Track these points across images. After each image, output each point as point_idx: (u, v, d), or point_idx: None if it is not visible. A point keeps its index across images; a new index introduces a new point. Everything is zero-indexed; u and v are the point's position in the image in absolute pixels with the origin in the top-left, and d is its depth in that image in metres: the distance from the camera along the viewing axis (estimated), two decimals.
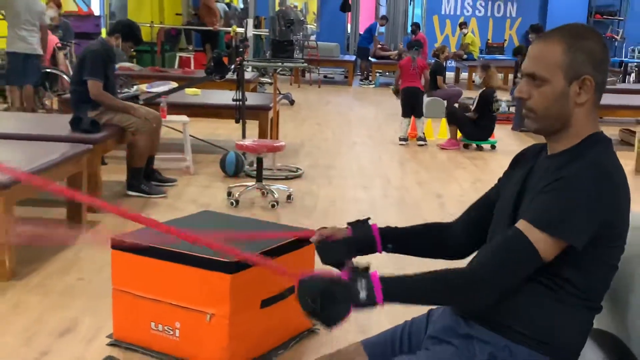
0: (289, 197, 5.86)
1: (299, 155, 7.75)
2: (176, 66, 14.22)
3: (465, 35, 16.89)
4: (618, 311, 1.93)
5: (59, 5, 9.92)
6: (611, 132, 9.83)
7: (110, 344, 3.25)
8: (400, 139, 8.90)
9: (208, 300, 3.02)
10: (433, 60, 11.54)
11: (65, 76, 9.24)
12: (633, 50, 18.70)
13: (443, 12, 19.28)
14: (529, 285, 1.73)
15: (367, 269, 1.72)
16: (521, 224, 1.69)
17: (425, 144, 8.84)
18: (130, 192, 5.83)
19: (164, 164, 6.55)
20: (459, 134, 8.68)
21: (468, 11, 19.28)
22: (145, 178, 5.90)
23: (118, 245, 3.22)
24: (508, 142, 9.17)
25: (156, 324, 3.15)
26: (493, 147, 8.68)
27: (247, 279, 3.03)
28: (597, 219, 1.67)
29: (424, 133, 8.93)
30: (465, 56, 16.12)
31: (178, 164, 6.82)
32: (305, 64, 10.06)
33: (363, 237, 2.04)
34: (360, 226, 2.05)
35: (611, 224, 1.70)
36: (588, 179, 1.68)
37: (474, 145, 8.66)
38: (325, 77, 16.92)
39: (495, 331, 1.77)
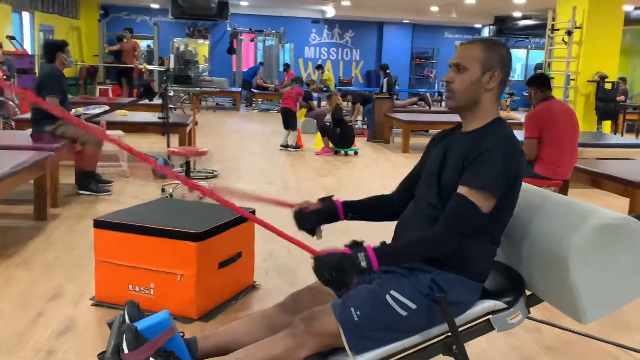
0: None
1: (211, 161, 7.62)
2: (97, 95, 13.61)
3: (323, 73, 17.22)
4: (511, 247, 2.05)
5: (0, 46, 9.32)
6: None
7: (95, 304, 3.10)
8: (281, 146, 9.09)
9: (178, 264, 2.95)
10: (304, 89, 11.72)
11: (11, 102, 8.61)
12: (442, 85, 19.70)
13: (306, 56, 19.57)
14: None
15: (362, 243, 1.80)
16: (462, 190, 1.79)
17: (296, 150, 8.98)
18: (81, 192, 5.54)
19: (103, 169, 6.26)
20: (330, 144, 8.85)
21: (324, 56, 19.68)
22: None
23: (99, 225, 3.09)
24: (365, 149, 9.44)
25: (133, 285, 3.04)
26: (356, 153, 8.90)
27: (208, 246, 2.99)
28: (512, 173, 1.81)
29: (295, 142, 9.08)
30: (325, 88, 16.41)
31: (116, 169, 6.56)
32: (217, 89, 9.93)
33: (329, 209, 2.10)
34: (328, 200, 2.12)
35: (517, 178, 1.84)
36: (503, 149, 1.81)
37: (342, 151, 8.85)
38: (217, 104, 16.72)
39: (429, 264, 1.86)
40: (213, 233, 3.03)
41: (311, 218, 2.06)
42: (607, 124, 10.04)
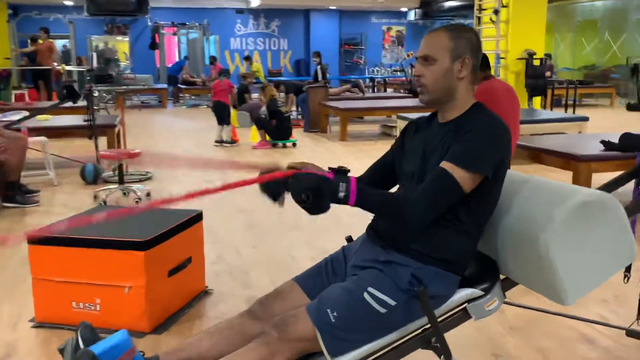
0: (148, 194, 5.55)
1: (143, 162, 7.32)
2: (13, 101, 12.88)
3: (251, 64, 16.99)
4: (490, 237, 1.99)
5: None
6: (374, 128, 10.43)
7: (36, 326, 2.88)
8: (215, 142, 8.89)
9: (125, 275, 2.78)
10: (240, 83, 11.54)
11: None
12: (372, 71, 19.90)
13: (232, 48, 19.25)
14: (435, 221, 1.75)
15: (347, 172, 1.72)
16: (446, 165, 1.70)
17: (232, 145, 8.81)
18: (6, 204, 5.19)
19: (28, 179, 5.91)
20: (267, 137, 8.72)
21: (251, 46, 19.41)
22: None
23: (34, 240, 2.86)
24: (303, 139, 9.36)
25: (77, 302, 2.85)
26: (294, 144, 8.80)
27: (156, 253, 2.83)
28: (499, 155, 1.75)
29: (230, 137, 8.90)
30: (254, 80, 16.19)
31: (41, 177, 6.20)
32: (145, 86, 9.59)
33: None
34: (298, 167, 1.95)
35: (503, 162, 1.78)
36: (491, 127, 1.75)
37: (280, 144, 8.73)
38: (142, 102, 16.21)
39: (409, 257, 1.79)
40: (161, 239, 2.86)
41: (277, 186, 1.85)
42: (537, 100, 10.35)
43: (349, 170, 1.74)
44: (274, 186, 1.86)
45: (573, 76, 15.06)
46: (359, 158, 7.68)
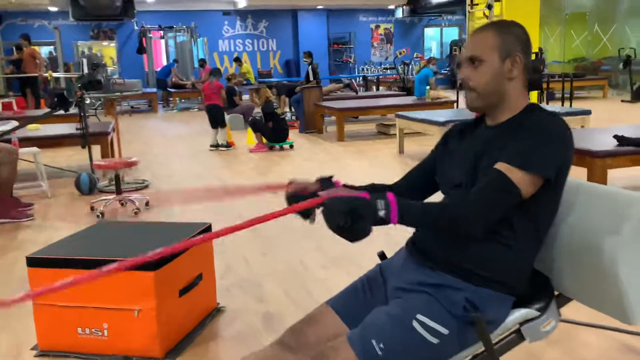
0: (147, 203, 5.34)
1: (138, 170, 7.11)
2: (0, 110, 12.59)
3: (241, 66, 16.76)
4: (542, 250, 1.81)
5: None
6: (370, 127, 10.26)
7: (39, 355, 2.67)
8: (211, 146, 8.67)
9: (134, 298, 2.58)
10: (226, 85, 11.29)
11: None
12: (362, 69, 19.74)
13: (221, 50, 19.00)
14: (489, 236, 1.57)
15: (331, 177, 1.60)
16: (502, 166, 1.52)
17: (228, 149, 8.60)
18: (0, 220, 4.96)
19: (20, 192, 5.69)
20: (264, 139, 8.52)
21: (240, 48, 19.17)
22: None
23: (34, 263, 2.65)
24: (300, 141, 9.16)
25: (83, 328, 2.64)
26: (291, 146, 8.60)
27: (166, 273, 2.63)
28: (562, 157, 1.57)
29: (225, 140, 8.70)
30: (245, 82, 15.98)
31: (34, 189, 5.98)
32: (138, 91, 9.38)
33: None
34: (327, 181, 1.77)
35: (566, 165, 1.59)
36: (553, 125, 1.57)
37: (277, 146, 8.53)
38: (132, 107, 15.95)
39: (462, 279, 1.60)
40: (170, 257, 2.66)
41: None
42: (533, 95, 10.21)
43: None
44: (302, 198, 1.69)
45: (563, 69, 14.97)
46: (357, 159, 7.49)
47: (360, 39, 20.09)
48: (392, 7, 19.70)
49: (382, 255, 1.95)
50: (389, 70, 17.59)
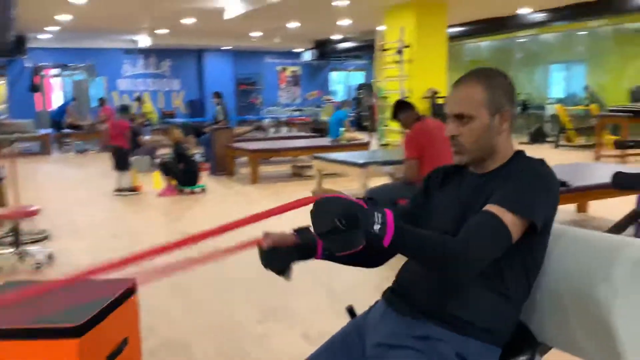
0: (49, 256, 4.85)
1: (35, 219, 6.52)
2: None
3: (143, 105, 16.25)
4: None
5: None
6: (283, 169, 10.13)
7: None
8: (115, 191, 8.18)
9: None
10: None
11: None
12: (269, 111, 19.74)
13: (120, 89, 18.38)
14: (479, 281, 1.48)
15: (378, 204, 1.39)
16: (493, 208, 1.44)
17: (134, 194, 8.15)
18: None
19: None
20: (173, 182, 8.15)
21: (141, 87, 18.64)
22: None
23: None
24: (211, 184, 8.85)
25: None
26: (203, 190, 8.28)
27: (92, 339, 2.30)
28: (551, 205, 1.52)
29: (130, 184, 8.26)
30: (146, 122, 15.47)
31: None
32: (35, 132, 8.69)
33: (308, 242, 1.59)
34: (305, 233, 1.60)
35: (553, 215, 1.53)
36: (543, 174, 1.52)
37: (188, 189, 8.18)
38: (22, 150, 14.92)
39: (449, 329, 1.49)
40: (95, 321, 2.34)
41: (286, 254, 1.55)
42: None
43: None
44: (279, 261, 1.54)
45: None
46: (275, 201, 7.31)
47: (267, 80, 20.15)
48: (299, 50, 19.98)
49: (351, 311, 1.80)
50: (296, 112, 17.69)
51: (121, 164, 8.32)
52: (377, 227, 1.28)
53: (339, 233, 1.23)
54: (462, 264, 1.39)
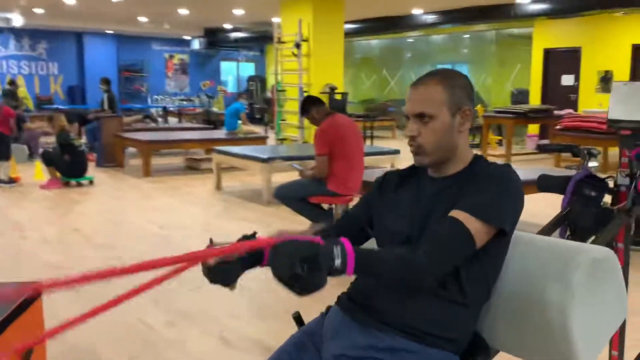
0: None
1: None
2: None
3: (17, 90, 15.08)
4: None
5: None
6: (176, 161, 9.81)
7: None
8: None
9: None
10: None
11: None
12: (157, 100, 19.07)
13: None
14: (439, 290, 1.49)
15: (254, 234, 1.39)
16: (460, 215, 1.44)
17: (12, 186, 7.56)
18: None
19: None
20: (58, 174, 7.63)
21: (14, 70, 17.31)
22: None
23: None
24: (100, 176, 8.37)
25: None
26: (91, 182, 7.82)
27: None
28: (518, 210, 1.53)
29: (8, 175, 7.65)
30: (24, 108, 14.40)
31: None
32: None
33: (256, 252, 1.49)
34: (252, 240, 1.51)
35: (517, 219, 1.55)
36: (509, 179, 1.53)
37: (74, 182, 7.69)
38: None
39: (413, 339, 1.48)
40: None
41: (233, 268, 1.46)
42: None
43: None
44: (228, 274, 1.46)
45: (355, 109, 16.00)
46: (171, 196, 7.04)
47: (154, 67, 19.44)
48: (188, 37, 19.45)
49: (298, 318, 1.74)
50: (185, 102, 17.22)
51: (2, 153, 7.65)
52: (338, 261, 1.26)
53: (301, 278, 1.19)
54: (424, 276, 1.41)
